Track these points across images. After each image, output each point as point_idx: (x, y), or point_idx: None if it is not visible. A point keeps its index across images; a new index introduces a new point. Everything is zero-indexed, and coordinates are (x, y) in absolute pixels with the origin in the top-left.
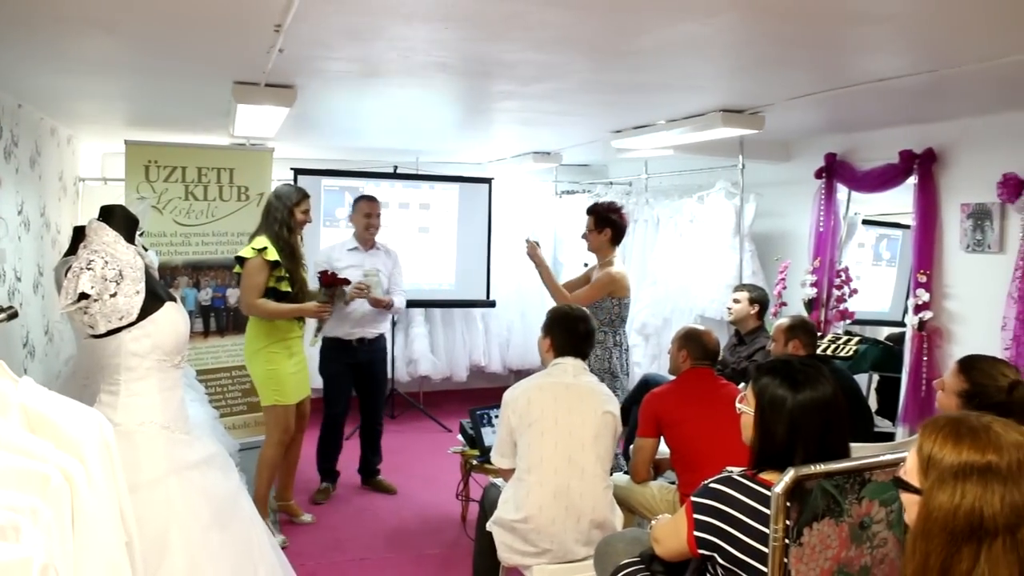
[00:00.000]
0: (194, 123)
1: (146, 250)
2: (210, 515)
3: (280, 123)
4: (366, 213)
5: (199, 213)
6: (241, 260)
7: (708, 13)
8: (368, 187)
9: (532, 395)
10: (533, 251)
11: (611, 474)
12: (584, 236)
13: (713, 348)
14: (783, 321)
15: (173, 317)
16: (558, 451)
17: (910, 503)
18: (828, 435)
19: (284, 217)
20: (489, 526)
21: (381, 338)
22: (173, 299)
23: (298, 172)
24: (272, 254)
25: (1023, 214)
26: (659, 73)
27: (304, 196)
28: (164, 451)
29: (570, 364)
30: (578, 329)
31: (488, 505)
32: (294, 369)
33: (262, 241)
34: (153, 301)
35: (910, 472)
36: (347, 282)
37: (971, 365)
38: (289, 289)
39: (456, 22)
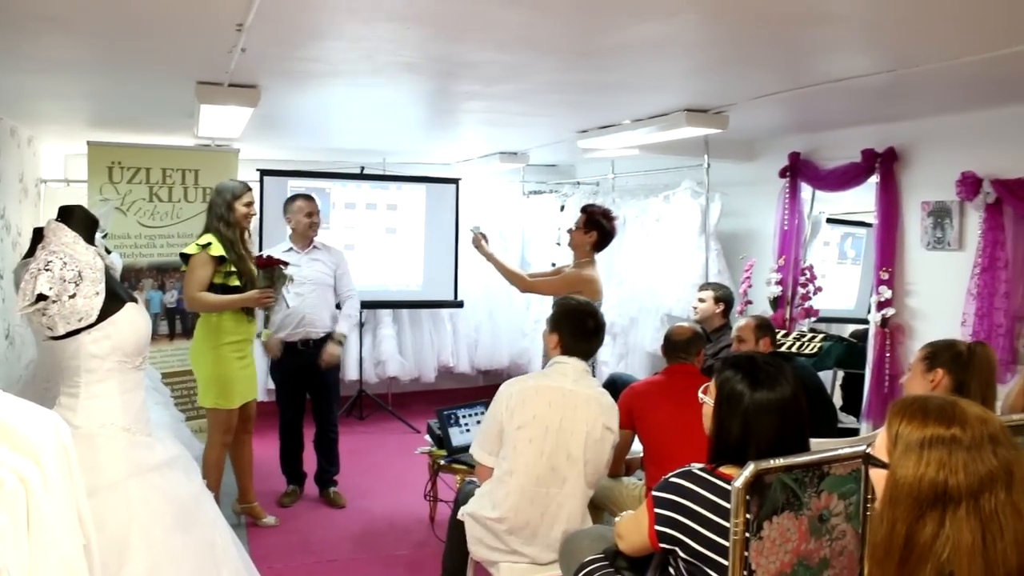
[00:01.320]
0: (158, 124)
1: (109, 252)
2: (172, 517)
3: (245, 123)
4: (308, 212)
5: (164, 215)
6: (186, 257)
7: (668, 13)
8: (335, 188)
9: (527, 396)
10: (478, 242)
11: None
12: (569, 231)
13: (678, 339)
14: (750, 320)
15: (134, 318)
16: (543, 459)
17: (879, 479)
18: (783, 436)
19: (223, 212)
20: (462, 515)
21: (328, 339)
22: (134, 300)
23: (264, 173)
24: (216, 249)
25: (981, 211)
26: (622, 73)
27: (245, 189)
28: (125, 453)
29: (571, 366)
30: (587, 325)
31: (463, 498)
32: (242, 373)
33: (207, 237)
34: (113, 302)
35: (879, 450)
36: (284, 263)
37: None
38: (238, 283)
39: (417, 22)
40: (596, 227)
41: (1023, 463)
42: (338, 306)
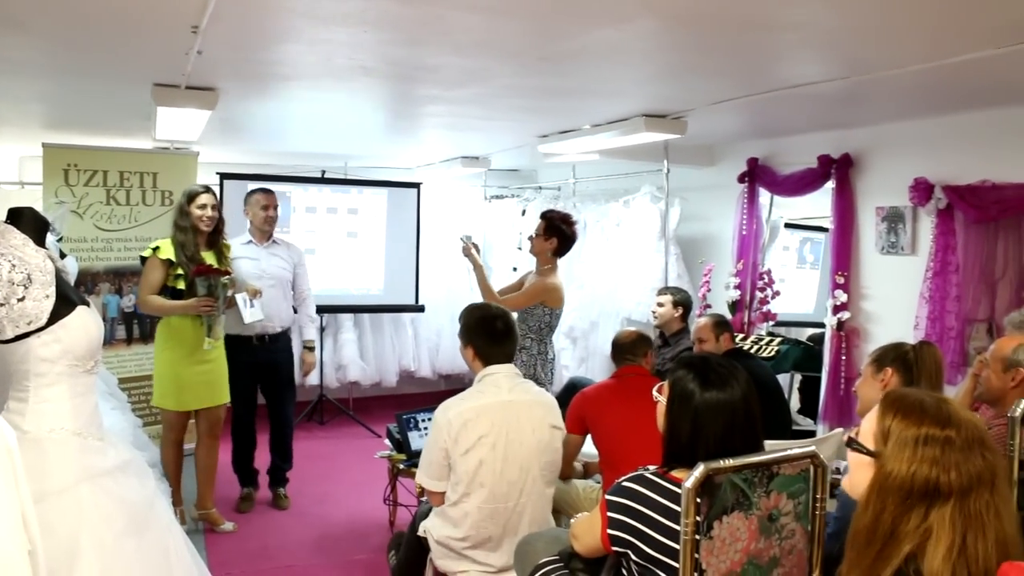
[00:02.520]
0: (116, 126)
1: (64, 256)
2: (124, 522)
3: (203, 126)
4: (264, 205)
5: (121, 218)
6: (144, 260)
7: (622, 19)
8: (296, 192)
9: (467, 419)
10: (468, 250)
11: None
12: (530, 238)
13: (624, 342)
14: (707, 320)
15: (85, 321)
16: (498, 476)
17: (858, 465)
18: (732, 436)
19: (177, 216)
20: (422, 531)
21: (285, 335)
22: (86, 303)
23: (224, 177)
24: (165, 252)
25: (933, 217)
26: (580, 78)
27: (200, 192)
28: (75, 458)
29: (503, 375)
30: (496, 328)
31: (422, 514)
32: (201, 377)
33: (160, 241)
34: (64, 305)
35: (865, 436)
36: (221, 272)
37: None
38: (183, 287)
39: (375, 25)
40: (556, 233)
41: (1003, 466)
42: (295, 309)
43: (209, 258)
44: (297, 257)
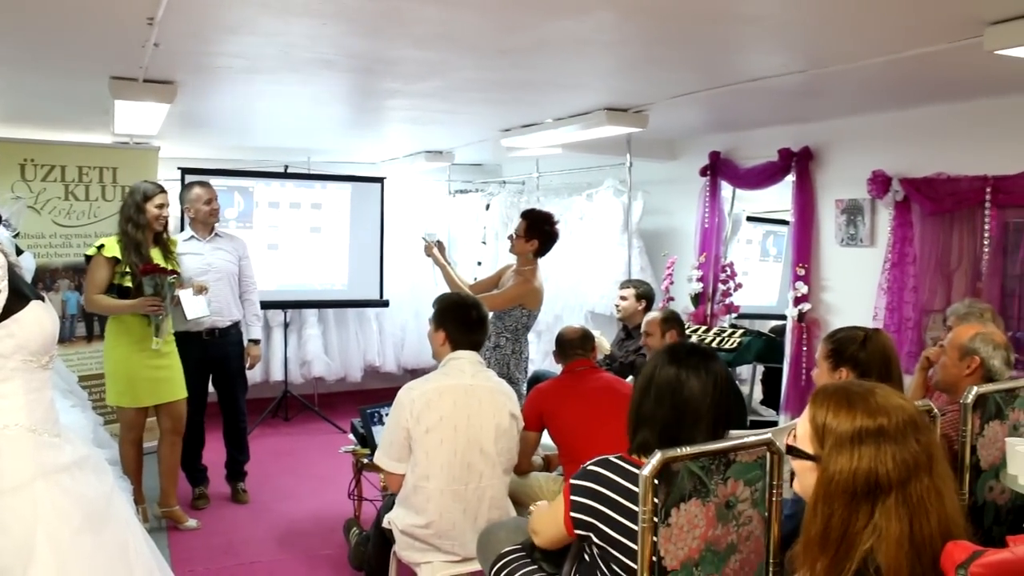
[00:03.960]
0: (74, 120)
1: (20, 252)
2: (81, 519)
3: (162, 120)
4: (206, 199)
5: (80, 214)
6: (88, 258)
7: (580, 11)
8: (258, 187)
9: (430, 398)
10: (430, 250)
11: None
12: (510, 237)
13: (573, 336)
14: (656, 315)
15: (39, 316)
16: (457, 457)
17: (803, 470)
18: (697, 422)
19: (133, 214)
20: (387, 523)
21: (235, 327)
22: (40, 298)
23: (185, 171)
24: (110, 251)
25: (891, 209)
26: (540, 71)
27: (158, 191)
28: (30, 455)
29: (467, 360)
30: (470, 317)
31: (386, 507)
32: (153, 373)
33: (104, 239)
34: (17, 300)
35: (802, 440)
36: (166, 271)
37: (832, 332)
38: (131, 285)
39: (333, 18)
40: (538, 234)
41: (939, 445)
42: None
43: (156, 255)
44: (242, 249)
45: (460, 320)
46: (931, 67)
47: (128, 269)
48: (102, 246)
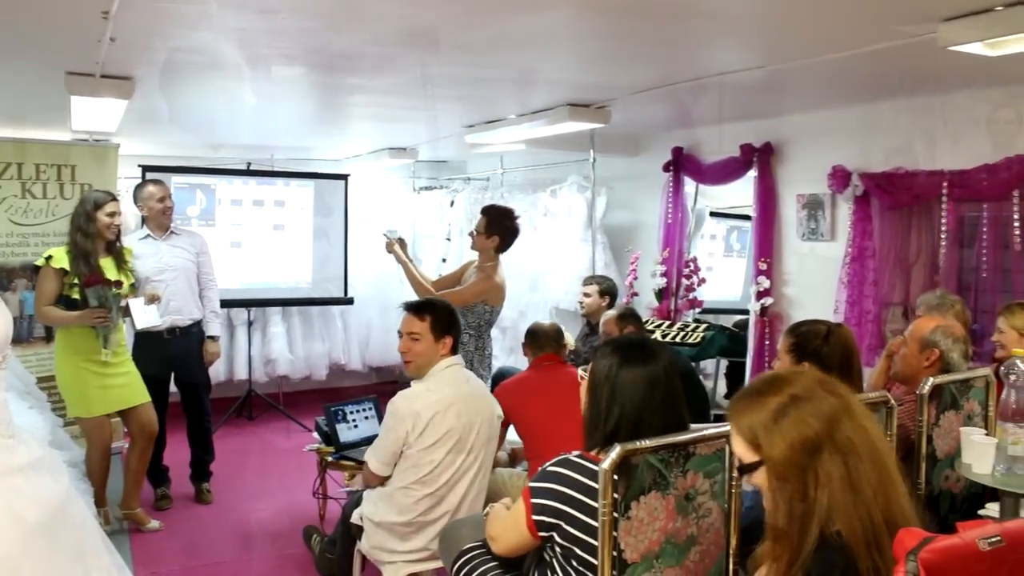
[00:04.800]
0: (30, 117)
1: None
2: (35, 520)
3: (120, 117)
4: (160, 198)
5: (38, 212)
6: (37, 269)
7: (537, 6)
8: (221, 184)
9: (436, 411)
10: (391, 247)
11: None
12: (471, 234)
13: (548, 331)
14: (612, 313)
15: None
16: (456, 465)
17: (759, 477)
18: (651, 414)
19: (82, 223)
20: (358, 518)
21: (196, 326)
22: None
23: (146, 169)
24: (58, 261)
25: (851, 203)
26: (502, 67)
27: (108, 199)
28: None
29: (460, 366)
30: (457, 320)
31: (353, 503)
32: (104, 381)
33: (53, 249)
34: None
35: (744, 455)
36: (110, 283)
37: (794, 326)
38: (78, 297)
39: (291, 13)
40: (499, 230)
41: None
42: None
43: (108, 264)
44: (200, 245)
45: (457, 325)
46: (888, 63)
47: (76, 280)
48: (50, 257)
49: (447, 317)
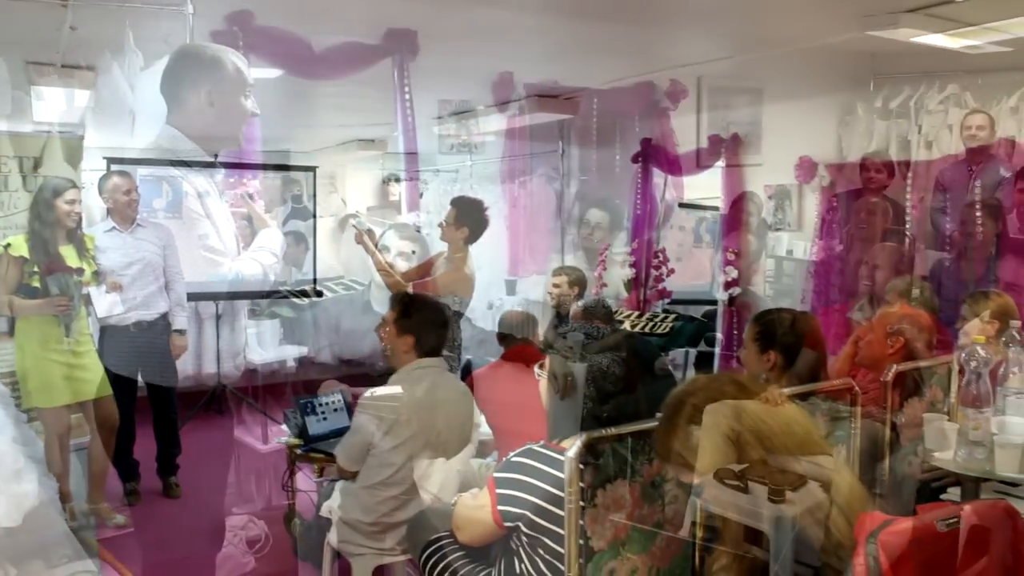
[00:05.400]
0: None
1: None
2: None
3: (83, 108)
4: (126, 190)
5: None
6: None
7: None
8: (188, 176)
9: (400, 414)
10: (360, 238)
11: None
12: (440, 225)
13: (522, 319)
14: (576, 309)
15: None
16: (423, 470)
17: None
18: (614, 401)
19: (42, 210)
20: (327, 511)
21: (163, 319)
22: None
23: (111, 161)
24: (18, 249)
25: (817, 194)
26: (470, 57)
27: (68, 186)
28: None
29: (436, 370)
30: (441, 319)
31: (325, 495)
32: (67, 372)
33: (12, 237)
34: None
35: (709, 468)
36: (71, 270)
37: (760, 315)
38: (39, 285)
39: (257, 1)
40: (469, 222)
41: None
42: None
43: (68, 252)
44: (166, 238)
45: (432, 324)
46: (852, 55)
47: (36, 269)
48: (8, 245)
49: (406, 311)
